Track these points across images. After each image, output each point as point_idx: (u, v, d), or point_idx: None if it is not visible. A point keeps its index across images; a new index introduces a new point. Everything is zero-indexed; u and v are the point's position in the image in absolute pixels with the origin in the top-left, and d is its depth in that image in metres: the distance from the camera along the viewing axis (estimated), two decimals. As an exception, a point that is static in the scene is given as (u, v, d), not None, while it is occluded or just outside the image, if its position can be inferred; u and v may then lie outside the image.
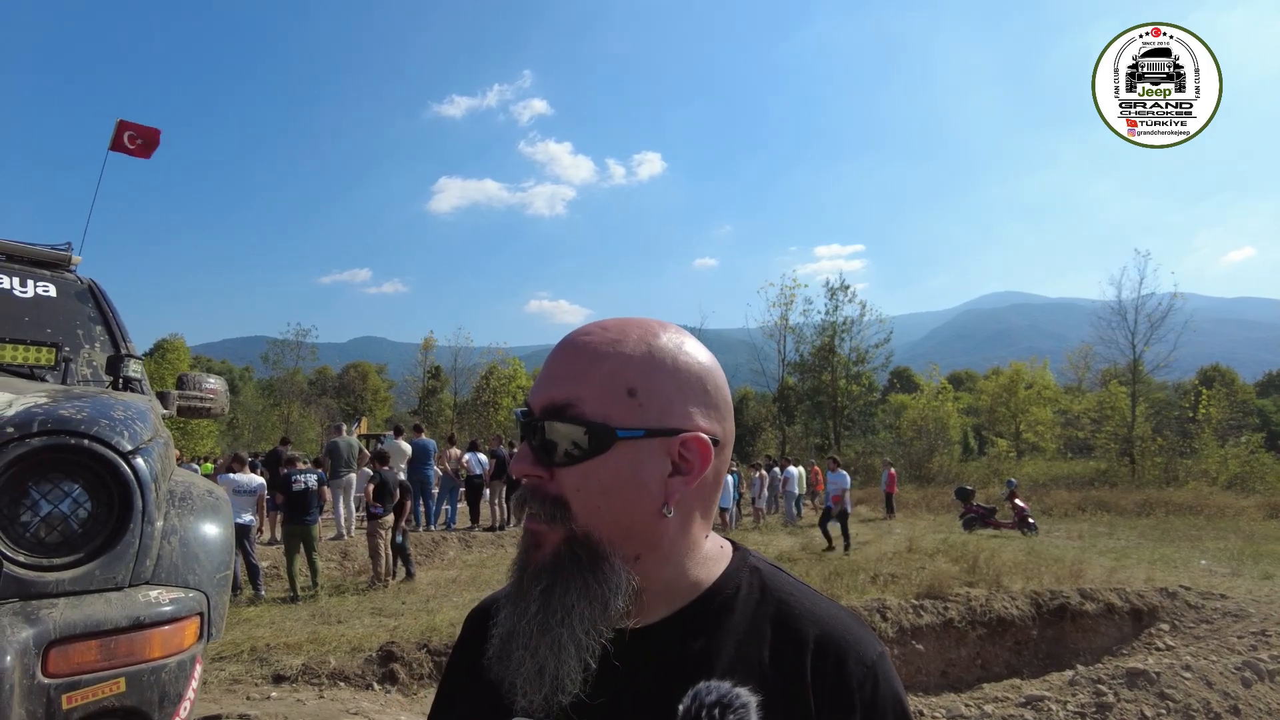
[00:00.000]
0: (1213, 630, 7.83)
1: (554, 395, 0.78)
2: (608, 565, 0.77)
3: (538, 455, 0.79)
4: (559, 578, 0.77)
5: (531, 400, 0.81)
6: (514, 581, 0.81)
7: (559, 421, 0.77)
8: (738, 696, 0.71)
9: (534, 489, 0.79)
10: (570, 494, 0.77)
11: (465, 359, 45.58)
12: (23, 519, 2.02)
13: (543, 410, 0.79)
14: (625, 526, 0.78)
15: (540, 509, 0.78)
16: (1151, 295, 29.78)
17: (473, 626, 0.95)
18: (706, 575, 0.83)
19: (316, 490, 9.74)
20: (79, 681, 1.89)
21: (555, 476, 0.78)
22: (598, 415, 0.77)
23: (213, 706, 5.03)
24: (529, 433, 0.80)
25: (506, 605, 0.80)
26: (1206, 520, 18.12)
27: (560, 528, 0.77)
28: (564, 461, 0.77)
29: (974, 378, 60.53)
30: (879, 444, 36.15)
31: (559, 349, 0.82)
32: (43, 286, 3.56)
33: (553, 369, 0.81)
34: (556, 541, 0.78)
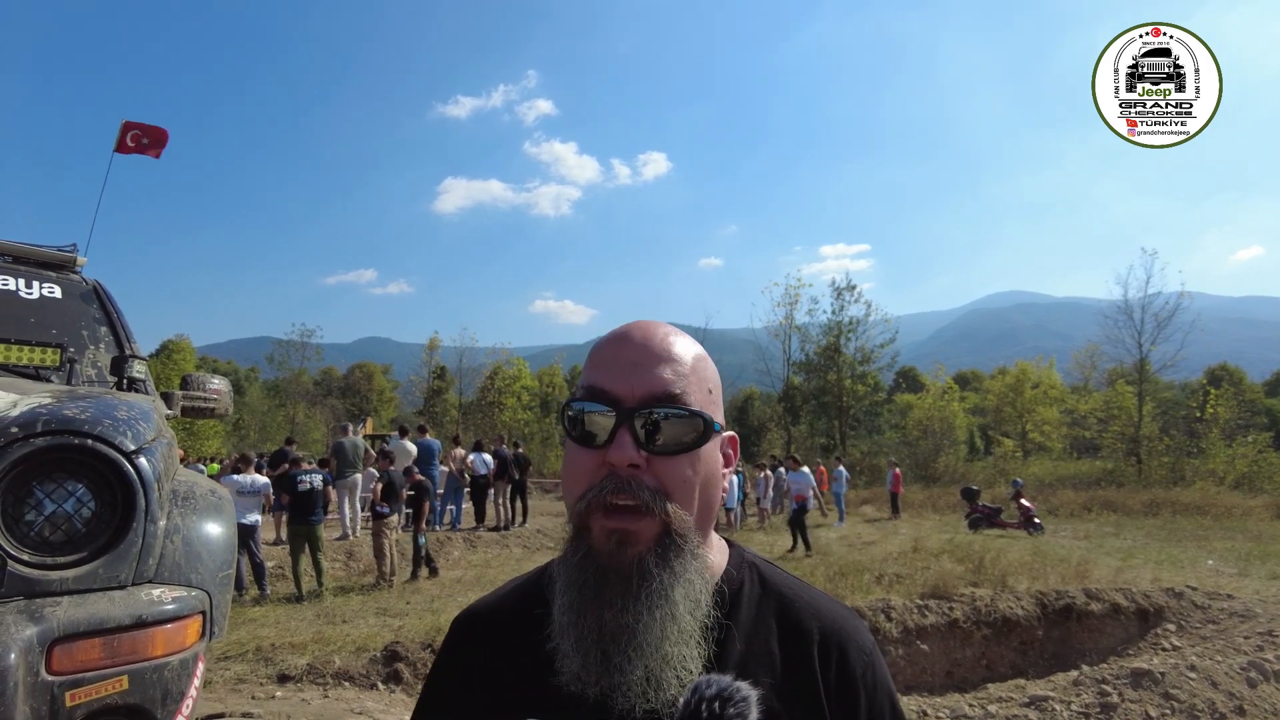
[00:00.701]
0: (1219, 630, 7.80)
1: (663, 384, 0.79)
2: (700, 553, 0.80)
3: (640, 443, 0.78)
4: (670, 568, 0.77)
5: (619, 388, 0.79)
6: (596, 582, 0.78)
7: (672, 409, 0.78)
8: (738, 690, 0.71)
9: (632, 479, 0.77)
10: (674, 484, 0.78)
11: (470, 359, 45.66)
12: (27, 518, 2.03)
13: (648, 397, 0.78)
14: (704, 516, 0.82)
15: (645, 499, 0.77)
16: (1158, 294, 29.70)
17: (466, 632, 0.94)
18: (715, 569, 0.87)
19: (321, 490, 9.77)
20: (82, 679, 1.90)
21: (653, 466, 0.78)
22: (701, 407, 0.80)
23: (218, 705, 5.05)
24: (624, 419, 0.78)
25: (588, 609, 0.77)
26: (1213, 520, 18.05)
27: (656, 520, 0.77)
28: (672, 450, 0.78)
29: (980, 377, 60.36)
30: (884, 444, 36.10)
31: (641, 340, 0.82)
32: (48, 288, 3.57)
33: (641, 359, 0.81)
34: (654, 535, 0.77)
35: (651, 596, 0.75)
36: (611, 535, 0.77)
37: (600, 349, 0.84)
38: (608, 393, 0.79)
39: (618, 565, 0.77)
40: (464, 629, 0.94)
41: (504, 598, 0.95)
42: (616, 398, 0.79)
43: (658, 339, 0.82)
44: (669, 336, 0.83)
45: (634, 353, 0.81)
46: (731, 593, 0.86)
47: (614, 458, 0.77)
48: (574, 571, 0.79)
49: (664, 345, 0.82)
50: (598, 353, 0.84)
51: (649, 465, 0.78)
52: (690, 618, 0.77)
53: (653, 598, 0.75)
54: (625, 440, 0.77)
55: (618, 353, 0.82)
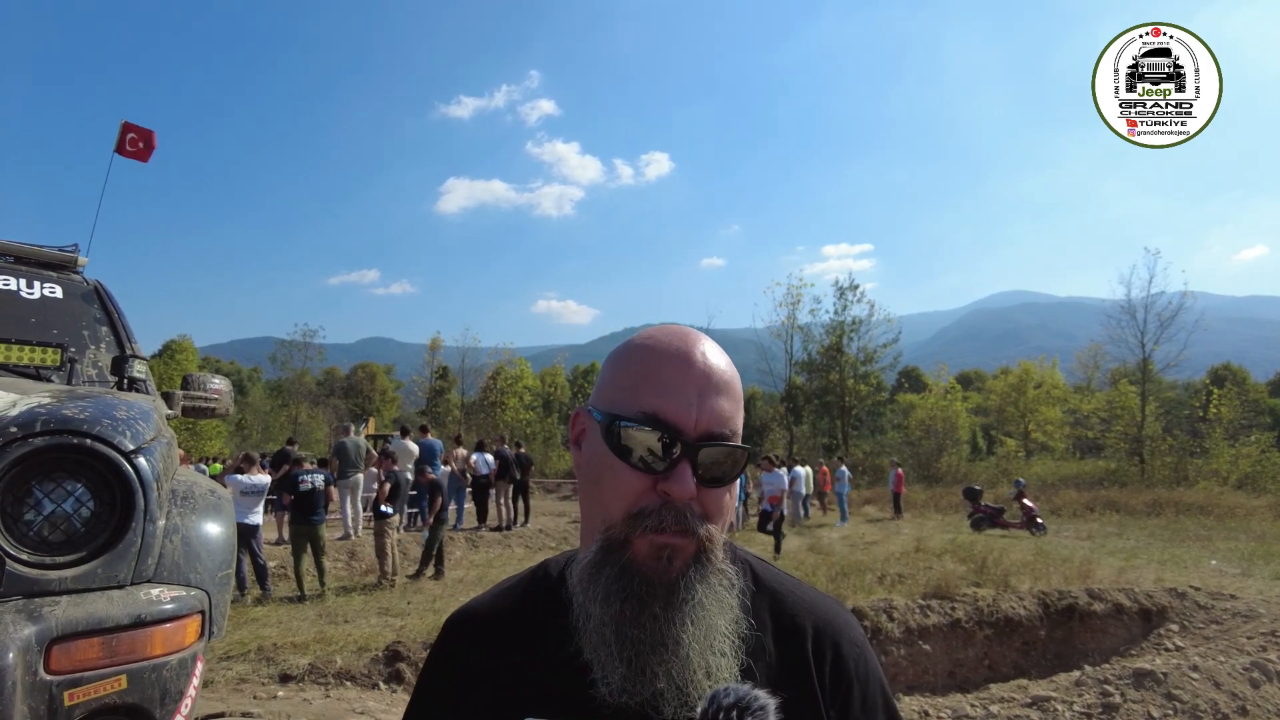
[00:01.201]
0: (1222, 631, 7.78)
1: (724, 421, 0.81)
2: (726, 566, 0.82)
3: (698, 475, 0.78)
4: (707, 582, 0.79)
5: (680, 419, 0.79)
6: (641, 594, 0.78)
7: (729, 445, 0.80)
8: (756, 699, 0.71)
9: (691, 509, 0.78)
10: (717, 511, 0.81)
11: (473, 359, 45.69)
12: (26, 518, 2.03)
13: (710, 435, 0.79)
14: (722, 531, 0.83)
15: (694, 526, 0.78)
16: (1161, 294, 29.65)
17: (459, 633, 0.94)
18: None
19: (323, 490, 9.77)
20: (81, 679, 1.91)
21: (701, 496, 0.79)
22: (741, 437, 0.82)
23: (219, 705, 5.05)
24: (688, 455, 0.78)
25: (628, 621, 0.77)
26: (1217, 520, 18.01)
27: (694, 539, 0.79)
28: (719, 483, 0.80)
29: (983, 377, 60.28)
30: (887, 444, 36.04)
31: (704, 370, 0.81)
32: (49, 288, 3.58)
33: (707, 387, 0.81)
34: (693, 552, 0.79)
35: (695, 609, 0.78)
36: (662, 551, 0.78)
37: (657, 367, 0.81)
38: (670, 423, 0.78)
39: (664, 578, 0.78)
40: (458, 629, 0.94)
41: (499, 598, 0.94)
42: (679, 429, 0.78)
43: (718, 365, 0.82)
44: (724, 361, 0.84)
45: (698, 380, 0.80)
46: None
47: (675, 491, 0.77)
48: (614, 583, 0.79)
49: (723, 373, 0.82)
50: (655, 370, 0.81)
51: (698, 495, 0.79)
52: (726, 628, 0.79)
53: (695, 609, 0.78)
54: (686, 474, 0.77)
55: (681, 378, 0.80)
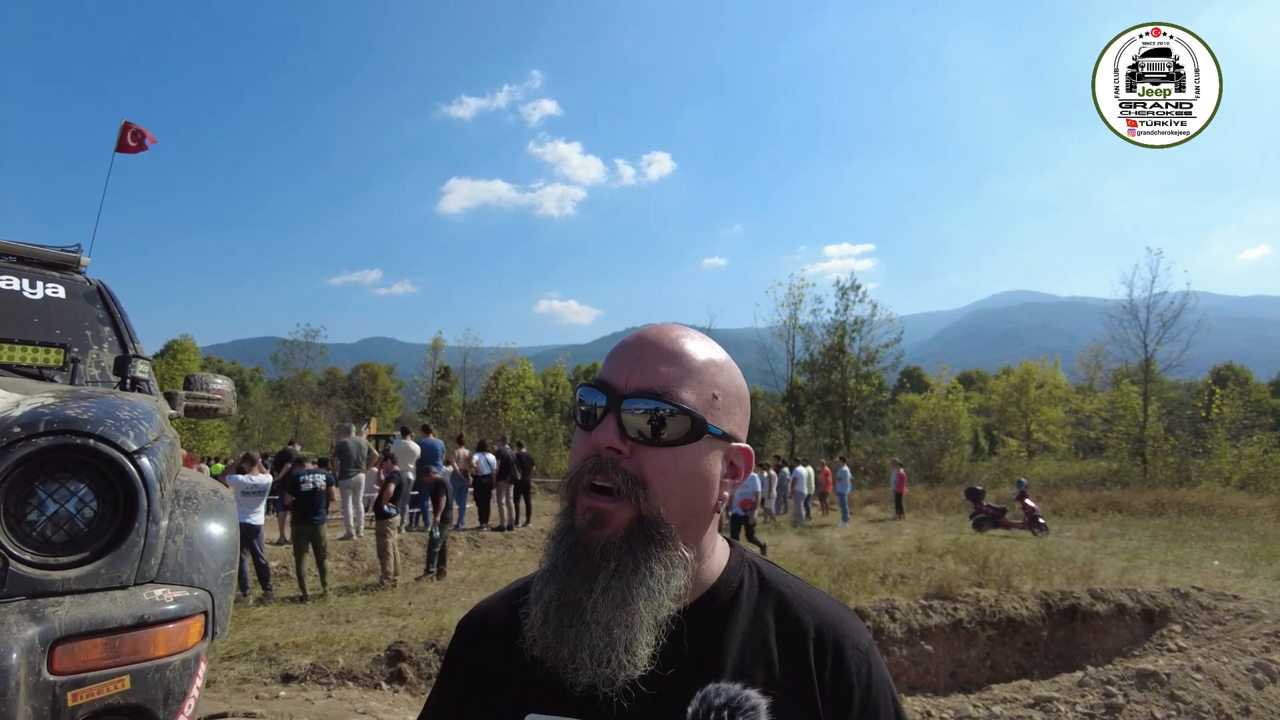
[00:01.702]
0: (1225, 631, 7.77)
1: (656, 379, 0.82)
2: (674, 547, 0.81)
3: (625, 430, 0.81)
4: (632, 555, 0.79)
5: (616, 378, 0.83)
6: (567, 557, 0.81)
7: (659, 402, 0.81)
8: (747, 699, 0.71)
9: (611, 462, 0.80)
10: (653, 474, 0.80)
11: (474, 359, 45.68)
12: (29, 518, 2.03)
13: (639, 390, 0.81)
14: (689, 515, 0.83)
15: (619, 482, 0.79)
16: (1164, 294, 29.57)
17: (468, 635, 0.96)
18: (715, 570, 0.89)
19: (324, 490, 9.78)
20: (84, 679, 1.90)
21: (635, 454, 0.80)
22: (693, 407, 0.82)
23: (221, 705, 5.05)
24: (614, 407, 0.81)
25: (557, 580, 0.81)
26: (1219, 521, 17.97)
27: (630, 506, 0.79)
28: (654, 441, 0.81)
29: (984, 377, 60.21)
30: (889, 444, 36.02)
31: (651, 340, 0.85)
32: (52, 288, 3.58)
33: (646, 354, 0.84)
34: (626, 519, 0.80)
35: (609, 577, 0.78)
36: (587, 513, 0.81)
37: (617, 345, 0.88)
38: (606, 382, 0.83)
39: (589, 542, 0.80)
40: (467, 631, 0.96)
41: (506, 598, 0.96)
42: (613, 387, 0.82)
43: (667, 339, 0.85)
44: (681, 338, 0.86)
45: (640, 349, 0.84)
46: (731, 591, 0.88)
47: (596, 439, 0.81)
48: (553, 543, 0.84)
49: (671, 345, 0.85)
50: (614, 348, 0.87)
51: (632, 453, 0.80)
52: (644, 606, 0.78)
53: (609, 578, 0.78)
54: (610, 424, 0.81)
55: (628, 348, 0.85)
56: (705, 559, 0.87)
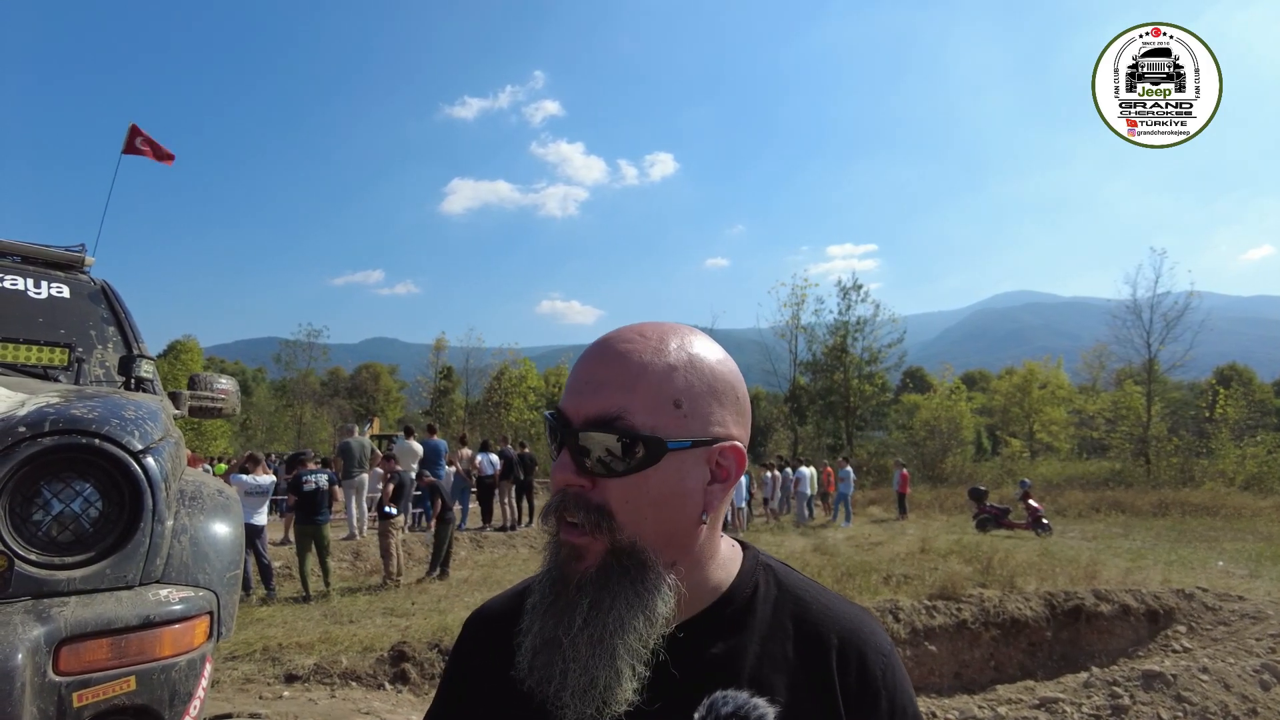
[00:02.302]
0: (1230, 632, 7.74)
1: (602, 405, 0.77)
2: (653, 573, 0.77)
3: (580, 465, 0.77)
4: (608, 589, 0.76)
5: (569, 407, 0.79)
6: (549, 593, 0.79)
7: (608, 433, 0.76)
8: (755, 707, 0.69)
9: (577, 497, 0.77)
10: (617, 504, 0.77)
11: (477, 360, 45.72)
12: (35, 518, 2.03)
13: (588, 420, 0.77)
14: (668, 535, 0.79)
15: (584, 518, 0.76)
16: (1167, 294, 29.53)
17: (474, 633, 0.94)
18: (725, 576, 0.85)
19: (328, 490, 9.78)
20: (90, 680, 1.90)
21: (598, 486, 0.77)
22: (647, 427, 0.76)
23: (225, 705, 5.05)
24: (567, 440, 0.78)
25: (540, 616, 0.79)
26: (1224, 521, 17.93)
27: (603, 538, 0.76)
28: (611, 473, 0.76)
29: (987, 377, 60.15)
30: (892, 444, 35.99)
31: (598, 355, 0.80)
32: (56, 288, 3.58)
33: (595, 376, 0.79)
34: (601, 552, 0.77)
35: (584, 614, 0.75)
36: (562, 548, 0.79)
37: (575, 364, 0.83)
38: (561, 412, 0.80)
39: (566, 577, 0.78)
40: (470, 631, 0.95)
41: (514, 597, 0.94)
42: (566, 418, 0.79)
43: (615, 351, 0.79)
44: (632, 348, 0.79)
45: (591, 370, 0.79)
46: (745, 596, 0.85)
47: (555, 478, 0.79)
48: (541, 577, 0.81)
49: (620, 358, 0.78)
50: (573, 368, 0.83)
51: (595, 485, 0.77)
52: (622, 642, 0.74)
53: (585, 615, 0.75)
54: (565, 461, 0.78)
55: (580, 369, 0.81)
56: (704, 567, 0.83)
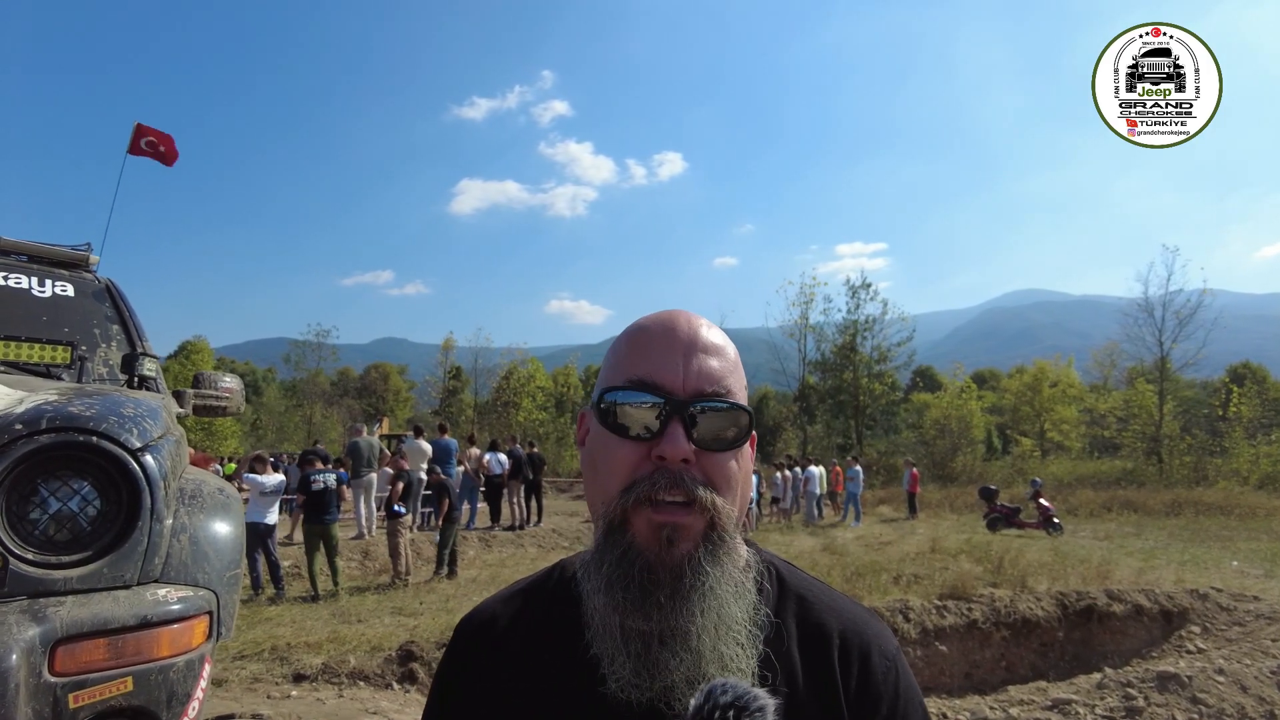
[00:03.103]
0: (1245, 633, 7.65)
1: (714, 378, 0.77)
2: (738, 550, 0.78)
3: (693, 437, 0.75)
4: (719, 565, 0.75)
5: (668, 382, 0.76)
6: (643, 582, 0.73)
7: (724, 403, 0.77)
8: (755, 698, 0.66)
9: (681, 474, 0.74)
10: (722, 480, 0.76)
11: (485, 359, 45.80)
12: (31, 516, 2.00)
13: (701, 392, 0.76)
14: (739, 515, 0.79)
15: (697, 494, 0.74)
16: (1180, 292, 29.37)
17: (469, 638, 0.91)
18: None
19: (336, 490, 9.79)
20: (86, 680, 1.87)
21: (700, 460, 0.75)
22: (743, 401, 0.79)
23: (234, 705, 5.05)
24: (678, 413, 0.75)
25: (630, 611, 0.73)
26: (1238, 520, 17.80)
27: (702, 515, 0.74)
28: (719, 446, 0.76)
29: (997, 376, 59.82)
30: (902, 443, 35.88)
31: (689, 332, 0.80)
32: (61, 286, 3.58)
33: (693, 348, 0.78)
34: (700, 531, 0.75)
35: (705, 595, 0.73)
36: (661, 530, 0.74)
37: (642, 338, 0.80)
38: (657, 384, 0.76)
39: (667, 562, 0.73)
40: (471, 631, 0.91)
41: (512, 599, 0.92)
42: (668, 389, 0.76)
43: (704, 330, 0.80)
44: (713, 328, 0.82)
45: (684, 343, 0.78)
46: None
47: (667, 451, 0.74)
48: (614, 569, 0.75)
49: (711, 336, 0.80)
50: (640, 342, 0.80)
51: (697, 459, 0.75)
52: (741, 615, 0.74)
53: (706, 597, 0.73)
54: (678, 433, 0.74)
55: (666, 342, 0.79)
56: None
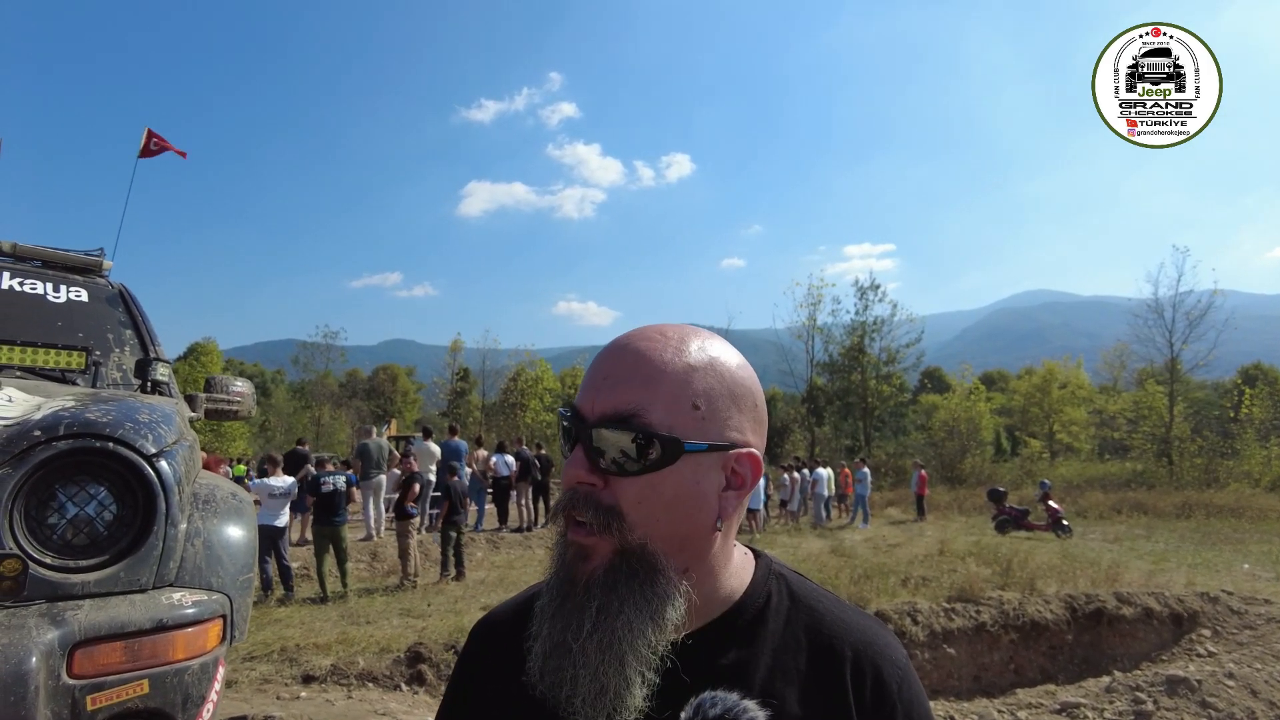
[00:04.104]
0: (1257, 636, 7.61)
1: (619, 402, 0.75)
2: (663, 578, 0.75)
3: (594, 462, 0.76)
4: (615, 592, 0.74)
5: (584, 404, 0.78)
6: (558, 594, 0.77)
7: (624, 430, 0.75)
8: (745, 711, 0.67)
9: (587, 496, 0.76)
10: (629, 505, 0.75)
11: (493, 361, 45.86)
12: (49, 521, 2.04)
13: (603, 417, 0.76)
14: (680, 539, 0.77)
15: (594, 518, 0.75)
16: (1190, 292, 29.12)
17: (481, 641, 0.93)
18: (738, 585, 0.84)
19: (345, 492, 9.83)
20: (103, 683, 1.91)
21: (610, 485, 0.75)
22: (664, 426, 0.75)
23: (243, 706, 5.08)
24: (582, 437, 0.76)
25: (549, 619, 0.77)
26: (1249, 523, 17.68)
27: (612, 539, 0.75)
28: (624, 472, 0.75)
29: (1006, 377, 59.61)
30: (910, 445, 35.74)
31: (617, 352, 0.79)
32: (75, 291, 3.62)
33: (612, 372, 0.77)
34: (608, 553, 0.75)
35: (593, 618, 0.73)
36: (569, 548, 0.77)
37: (596, 358, 0.82)
38: (576, 408, 0.78)
39: (574, 578, 0.76)
40: (478, 636, 0.94)
41: (516, 605, 0.93)
42: (581, 414, 0.77)
43: (635, 350, 0.78)
44: (653, 346, 0.78)
45: (609, 366, 0.78)
46: (758, 606, 0.83)
47: (566, 474, 0.77)
48: (550, 579, 0.80)
49: (640, 357, 0.77)
50: (592, 361, 0.82)
51: (607, 484, 0.75)
52: (630, 648, 0.73)
53: (594, 619, 0.73)
54: (579, 457, 0.76)
55: (597, 365, 0.79)
56: (716, 576, 0.81)
